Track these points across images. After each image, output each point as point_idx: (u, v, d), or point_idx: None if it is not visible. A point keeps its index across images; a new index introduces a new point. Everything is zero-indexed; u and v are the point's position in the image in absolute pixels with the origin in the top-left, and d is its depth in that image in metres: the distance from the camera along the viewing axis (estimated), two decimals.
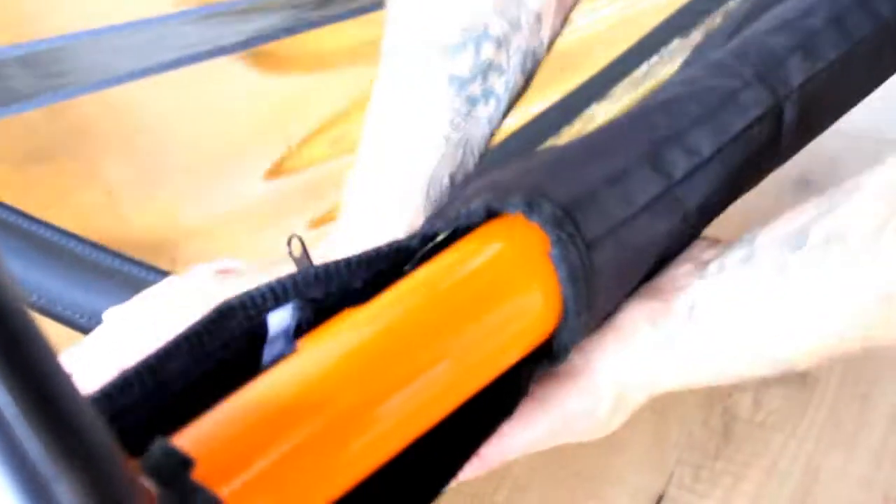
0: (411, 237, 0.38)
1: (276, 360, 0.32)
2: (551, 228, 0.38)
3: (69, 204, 0.66)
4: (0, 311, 0.20)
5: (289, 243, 0.39)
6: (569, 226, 0.38)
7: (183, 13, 0.71)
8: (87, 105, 0.75)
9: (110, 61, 0.70)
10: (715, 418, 0.63)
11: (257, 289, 0.33)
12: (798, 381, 0.65)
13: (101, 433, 0.22)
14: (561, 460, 0.62)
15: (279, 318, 0.33)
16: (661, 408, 0.64)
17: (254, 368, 0.32)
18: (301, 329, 0.34)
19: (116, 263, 0.55)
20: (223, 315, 0.32)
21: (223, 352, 0.32)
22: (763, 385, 0.65)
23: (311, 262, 0.39)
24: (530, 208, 0.38)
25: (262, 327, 0.33)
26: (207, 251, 0.65)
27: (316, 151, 0.74)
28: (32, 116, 0.75)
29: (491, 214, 0.39)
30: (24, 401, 0.20)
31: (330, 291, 0.35)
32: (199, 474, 0.27)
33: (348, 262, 0.35)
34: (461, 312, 0.36)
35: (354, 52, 0.81)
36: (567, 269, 0.38)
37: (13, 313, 0.21)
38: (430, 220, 0.43)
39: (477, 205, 0.39)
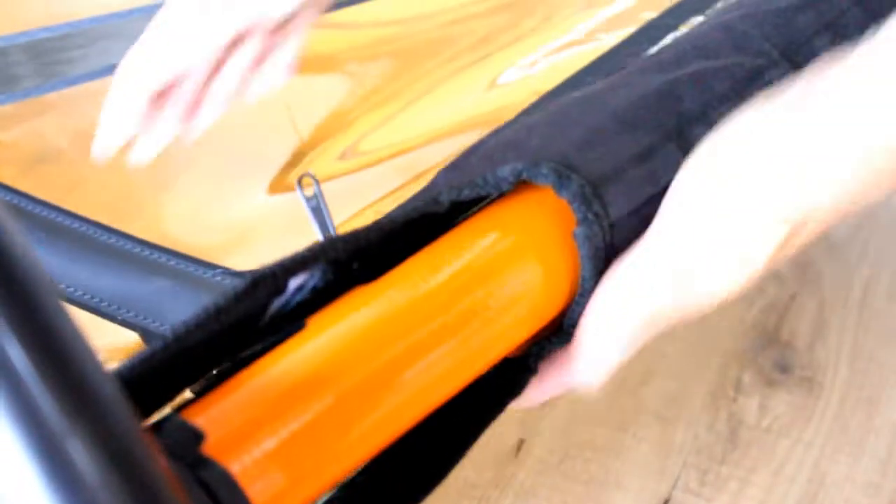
0: (437, 202, 0.38)
1: (285, 332, 0.32)
2: (578, 206, 0.37)
3: (80, 200, 0.66)
4: (13, 270, 0.21)
5: (299, 182, 0.39)
6: (596, 204, 0.37)
7: None
8: (92, 105, 0.75)
9: (116, 48, 0.70)
10: (721, 423, 0.63)
11: (289, 257, 0.33)
12: (804, 386, 0.66)
13: (114, 391, 0.22)
14: (567, 464, 0.62)
15: (298, 279, 0.34)
16: (667, 412, 0.64)
17: (260, 324, 0.33)
18: (319, 289, 0.34)
19: (122, 244, 0.56)
20: (255, 285, 0.32)
21: (245, 316, 0.32)
22: (769, 390, 0.65)
23: (323, 200, 0.38)
24: (560, 183, 0.37)
25: (283, 288, 0.34)
26: (223, 242, 0.65)
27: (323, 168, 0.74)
28: (37, 119, 0.76)
29: (518, 179, 0.38)
30: (38, 356, 0.20)
31: (352, 254, 0.35)
32: (209, 448, 0.28)
33: (373, 229, 0.35)
34: (476, 289, 0.36)
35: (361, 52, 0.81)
36: (589, 249, 0.37)
37: (26, 271, 0.21)
38: (448, 175, 0.42)
39: (505, 172, 0.38)
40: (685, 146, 0.40)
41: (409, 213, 0.36)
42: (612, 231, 0.38)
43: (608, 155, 0.39)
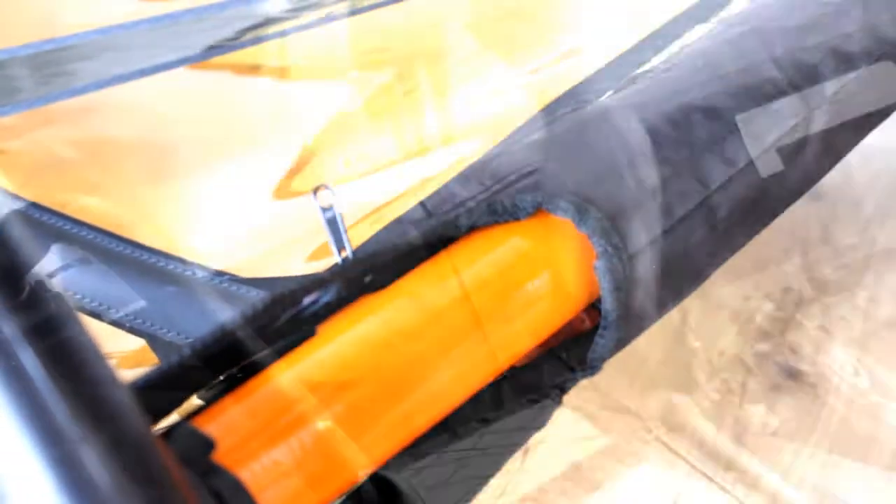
0: (456, 227, 0.38)
1: (296, 338, 0.33)
2: (598, 240, 0.38)
3: (86, 207, 0.67)
4: (26, 280, 0.21)
5: (314, 193, 0.40)
6: (615, 238, 0.38)
7: (199, 9, 0.71)
8: (95, 113, 0.75)
9: (120, 59, 0.70)
10: (727, 429, 0.63)
11: (309, 277, 0.33)
12: (810, 392, 0.66)
13: (127, 399, 0.22)
14: (571, 472, 0.62)
15: (313, 295, 0.34)
16: (673, 418, 0.64)
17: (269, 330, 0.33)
18: (332, 304, 0.34)
19: (128, 251, 0.56)
20: (274, 304, 0.32)
21: (258, 328, 0.33)
22: (775, 395, 0.65)
23: (339, 210, 0.39)
24: (580, 218, 0.38)
25: (299, 303, 0.34)
26: (229, 248, 0.65)
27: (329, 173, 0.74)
28: (42, 129, 0.76)
29: (536, 210, 0.39)
30: (52, 364, 0.20)
31: (367, 271, 0.35)
32: (219, 456, 0.28)
33: (390, 251, 0.36)
34: (486, 298, 0.36)
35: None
36: (610, 281, 0.38)
37: (41, 283, 0.21)
38: (462, 186, 0.42)
39: (525, 203, 0.39)
40: (697, 176, 0.41)
41: (427, 235, 0.37)
42: (632, 263, 0.39)
43: (625, 187, 0.40)
